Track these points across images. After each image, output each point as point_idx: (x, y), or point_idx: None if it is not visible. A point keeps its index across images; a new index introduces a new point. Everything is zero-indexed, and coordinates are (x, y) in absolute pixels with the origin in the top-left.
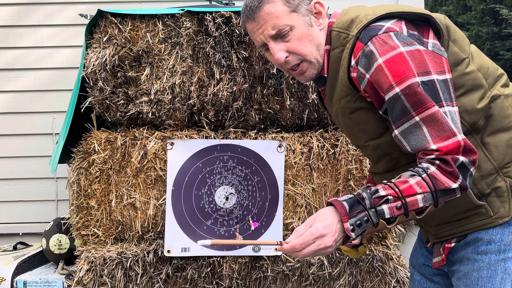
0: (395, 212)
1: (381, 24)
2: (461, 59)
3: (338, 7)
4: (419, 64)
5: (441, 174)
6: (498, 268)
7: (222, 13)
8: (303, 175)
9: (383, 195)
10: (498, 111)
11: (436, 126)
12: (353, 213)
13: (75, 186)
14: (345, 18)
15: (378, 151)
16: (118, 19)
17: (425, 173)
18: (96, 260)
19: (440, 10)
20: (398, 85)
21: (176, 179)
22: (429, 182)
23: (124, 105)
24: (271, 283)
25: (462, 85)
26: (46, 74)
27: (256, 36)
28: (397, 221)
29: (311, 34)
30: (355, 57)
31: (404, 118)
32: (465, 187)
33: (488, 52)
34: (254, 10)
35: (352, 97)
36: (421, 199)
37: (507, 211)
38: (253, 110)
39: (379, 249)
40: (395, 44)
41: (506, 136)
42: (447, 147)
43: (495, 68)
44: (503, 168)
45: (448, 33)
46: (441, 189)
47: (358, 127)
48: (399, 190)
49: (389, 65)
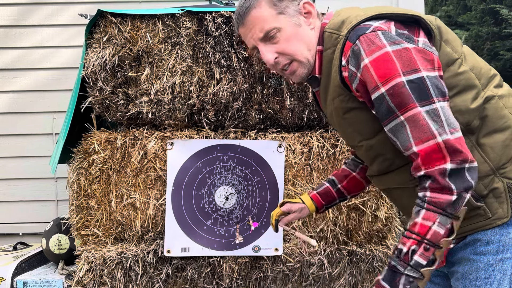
0: (427, 254)
1: (369, 23)
2: (453, 60)
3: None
4: (406, 62)
5: (438, 194)
6: (496, 268)
7: (222, 13)
8: (303, 175)
9: (406, 250)
10: (493, 112)
11: (416, 128)
12: (394, 283)
13: (75, 186)
14: (337, 19)
15: (371, 151)
16: (118, 19)
17: (425, 203)
18: (96, 260)
19: (440, 10)
20: (383, 85)
21: (176, 179)
22: (433, 209)
23: (124, 105)
24: (271, 283)
25: (455, 85)
26: (46, 74)
27: (247, 40)
28: (442, 252)
29: (300, 34)
30: (345, 56)
31: (390, 117)
32: (467, 188)
33: (488, 52)
34: (242, 15)
35: (344, 97)
36: (438, 226)
37: (505, 212)
38: (253, 110)
39: (379, 249)
40: (382, 44)
41: (501, 137)
42: (425, 150)
43: (488, 69)
44: (500, 169)
45: (440, 33)
46: (446, 206)
47: (351, 127)
48: (416, 234)
49: (375, 65)
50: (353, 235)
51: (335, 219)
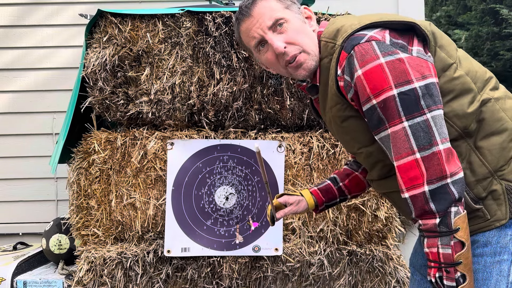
0: (451, 276)
1: (364, 33)
2: (448, 64)
3: (338, 7)
4: (399, 74)
5: (425, 220)
6: (493, 270)
7: (222, 13)
8: (303, 175)
9: (434, 280)
10: (490, 115)
11: (398, 143)
12: None
13: (75, 186)
14: (332, 27)
15: (371, 158)
16: (118, 19)
17: (422, 231)
18: (96, 260)
19: (440, 10)
20: (375, 97)
21: (176, 179)
22: (429, 234)
23: (124, 105)
24: (271, 283)
25: (451, 90)
26: (46, 74)
27: (253, 32)
28: (466, 264)
29: (306, 30)
30: (340, 66)
31: (381, 127)
32: (450, 203)
33: (488, 52)
34: (249, 7)
35: (342, 106)
36: (443, 248)
37: (504, 214)
38: (253, 110)
39: (379, 249)
40: (375, 55)
41: (499, 139)
42: (404, 166)
43: (484, 72)
44: (498, 171)
45: (434, 39)
46: (436, 228)
47: (349, 135)
48: (433, 262)
49: (367, 77)
50: (353, 235)
51: (335, 219)
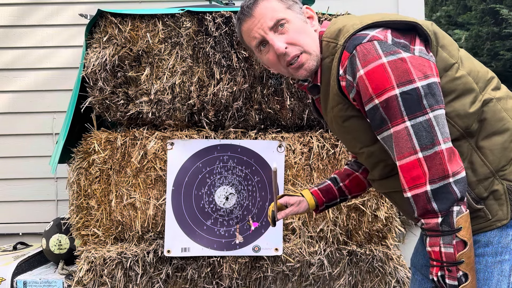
0: (453, 274)
1: (366, 32)
2: (450, 64)
3: (338, 7)
4: (401, 73)
5: (427, 219)
6: (494, 270)
7: (222, 13)
8: (303, 175)
9: (436, 278)
10: (491, 115)
11: (400, 143)
12: None
13: (75, 186)
14: (333, 27)
15: (372, 157)
16: (118, 19)
17: (424, 230)
18: (96, 260)
19: (440, 10)
20: (377, 97)
21: (176, 179)
22: (431, 233)
23: (124, 105)
24: (271, 283)
25: (453, 90)
26: (46, 74)
27: (254, 33)
28: (468, 263)
29: (308, 30)
30: (342, 66)
31: (383, 127)
32: (453, 203)
33: (488, 52)
34: (251, 7)
35: (343, 106)
36: (445, 247)
37: (505, 214)
38: (253, 110)
39: (379, 249)
40: (377, 55)
41: (500, 139)
42: (406, 165)
43: (485, 72)
44: (500, 171)
45: (436, 39)
46: (439, 227)
47: (351, 134)
48: (435, 261)
49: (369, 77)
50: (353, 235)
51: (335, 219)
